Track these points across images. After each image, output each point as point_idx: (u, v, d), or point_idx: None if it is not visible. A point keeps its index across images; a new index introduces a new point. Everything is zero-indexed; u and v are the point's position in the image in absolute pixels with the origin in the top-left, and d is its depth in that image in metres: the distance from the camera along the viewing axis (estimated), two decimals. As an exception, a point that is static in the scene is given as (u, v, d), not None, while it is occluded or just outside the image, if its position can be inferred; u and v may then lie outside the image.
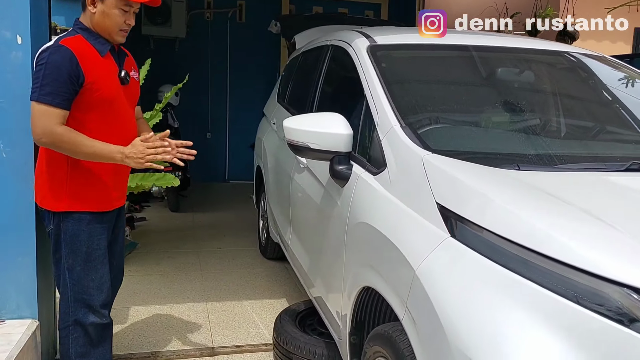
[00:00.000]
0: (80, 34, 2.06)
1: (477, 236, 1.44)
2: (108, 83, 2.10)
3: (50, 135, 1.94)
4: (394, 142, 1.96)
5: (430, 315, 1.41)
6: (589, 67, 2.71)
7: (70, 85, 1.96)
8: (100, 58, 2.07)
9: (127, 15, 2.08)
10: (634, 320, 1.14)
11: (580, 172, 1.75)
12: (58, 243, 2.12)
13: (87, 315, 2.14)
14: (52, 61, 1.95)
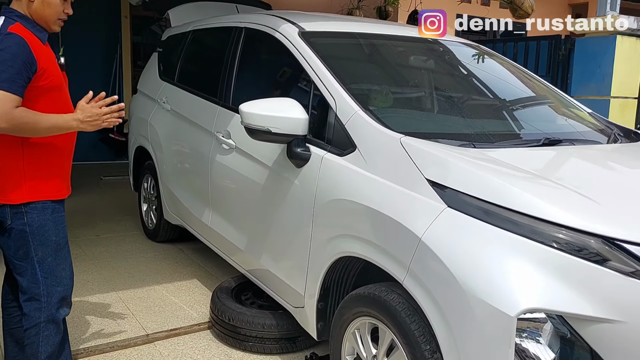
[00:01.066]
0: (19, 22, 1.99)
1: (468, 204, 1.78)
2: (55, 70, 2.07)
3: (11, 119, 1.88)
4: (361, 126, 2.21)
5: (440, 272, 1.72)
6: (489, 56, 3.26)
7: (25, 72, 1.92)
8: (42, 46, 2.03)
9: (65, 4, 2.09)
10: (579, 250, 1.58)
11: (517, 147, 2.21)
12: (23, 238, 2.05)
13: (61, 308, 2.13)
14: (6, 48, 1.89)
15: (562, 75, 4.45)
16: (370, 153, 2.13)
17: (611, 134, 2.67)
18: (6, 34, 1.93)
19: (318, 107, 2.44)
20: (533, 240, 1.63)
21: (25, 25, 1.99)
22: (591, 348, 1.58)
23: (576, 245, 1.60)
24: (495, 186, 1.77)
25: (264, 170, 2.70)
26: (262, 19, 3.10)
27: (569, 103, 3.05)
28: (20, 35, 1.93)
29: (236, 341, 2.82)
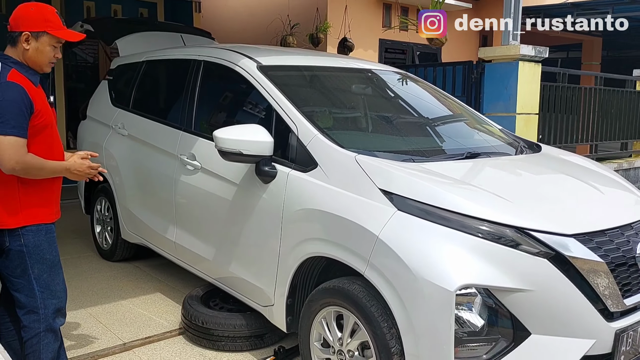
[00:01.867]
0: (14, 67, 2.24)
1: (413, 207, 2.25)
2: (47, 109, 2.33)
3: (23, 163, 2.18)
4: (321, 147, 2.64)
5: (395, 262, 2.16)
6: (416, 82, 3.80)
7: (27, 116, 2.20)
8: (35, 88, 2.28)
9: (56, 50, 2.34)
10: (498, 238, 2.10)
11: (446, 160, 2.72)
12: (21, 257, 2.28)
13: (57, 318, 2.37)
14: (9, 98, 2.15)
15: (475, 95, 5.12)
16: (330, 169, 2.56)
17: (518, 147, 3.27)
18: (6, 83, 2.17)
19: (280, 131, 2.85)
20: (464, 233, 2.12)
21: (20, 71, 2.23)
22: (511, 313, 2.08)
23: (496, 234, 2.11)
24: (433, 192, 2.26)
25: (232, 187, 3.05)
26: (221, 53, 3.47)
27: (484, 121, 3.65)
28: (18, 83, 2.18)
29: (210, 342, 3.13)
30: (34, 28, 2.25)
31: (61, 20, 2.34)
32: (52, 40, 2.28)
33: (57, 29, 2.29)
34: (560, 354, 2.09)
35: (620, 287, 2.21)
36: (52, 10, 2.32)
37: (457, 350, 2.06)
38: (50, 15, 2.29)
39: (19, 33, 2.25)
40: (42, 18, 2.26)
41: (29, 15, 2.26)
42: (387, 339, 2.22)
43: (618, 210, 2.49)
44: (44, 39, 2.26)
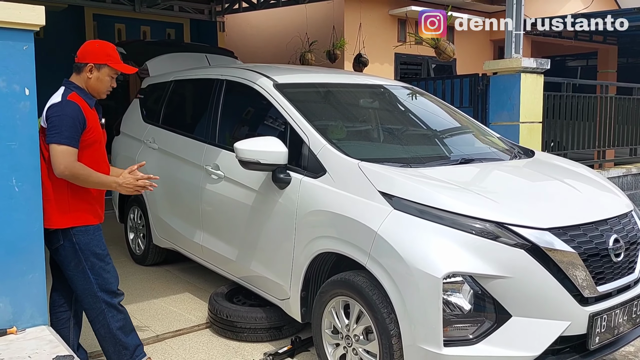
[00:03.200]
0: (75, 91, 2.69)
1: (408, 206, 2.57)
2: (97, 128, 2.75)
3: (72, 169, 2.57)
4: (329, 155, 2.98)
5: (391, 254, 2.48)
6: (421, 95, 4.14)
7: (80, 130, 2.61)
8: (90, 110, 2.72)
9: (112, 80, 2.79)
10: (481, 232, 2.40)
11: (440, 166, 3.04)
12: (75, 252, 2.70)
13: (113, 298, 2.78)
14: (66, 113, 2.58)
15: (481, 106, 5.41)
16: (337, 175, 2.90)
17: (513, 153, 3.56)
18: (66, 101, 2.62)
19: (294, 142, 3.20)
20: (451, 228, 2.43)
21: (80, 94, 2.68)
22: (493, 297, 2.38)
23: (479, 228, 2.41)
24: (424, 192, 2.58)
25: (251, 193, 3.41)
26: (241, 73, 3.86)
27: (483, 130, 3.95)
28: (76, 102, 2.62)
29: (233, 334, 3.48)
30: (97, 61, 2.69)
31: (120, 55, 2.78)
32: (111, 72, 2.73)
33: (116, 63, 2.74)
34: (538, 333, 2.37)
35: (593, 275, 2.49)
36: (112, 47, 2.76)
37: (447, 330, 2.36)
38: (111, 50, 2.74)
39: (84, 64, 2.69)
40: (104, 53, 2.71)
41: (94, 50, 2.71)
42: (387, 323, 2.53)
43: (594, 208, 2.77)
44: (104, 70, 2.71)
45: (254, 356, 3.27)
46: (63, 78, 2.79)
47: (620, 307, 2.58)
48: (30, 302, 2.60)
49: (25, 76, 2.50)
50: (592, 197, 2.92)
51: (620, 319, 2.60)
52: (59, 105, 2.61)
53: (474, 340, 2.36)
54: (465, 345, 2.36)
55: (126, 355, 2.82)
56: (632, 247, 2.75)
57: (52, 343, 2.44)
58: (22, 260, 2.55)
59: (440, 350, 2.34)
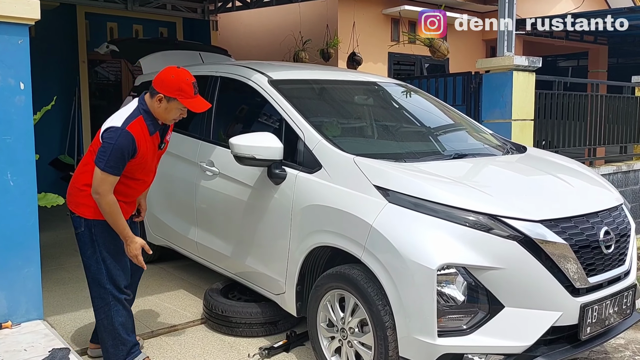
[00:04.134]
0: (142, 115, 2.72)
1: (402, 199, 2.60)
2: (148, 154, 2.78)
3: (104, 197, 2.62)
4: (324, 151, 3.00)
5: (386, 246, 2.51)
6: (415, 92, 4.17)
7: (127, 160, 2.66)
8: (149, 137, 2.76)
9: (183, 112, 2.83)
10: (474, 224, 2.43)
11: (434, 160, 3.07)
12: (92, 242, 2.78)
13: (120, 292, 2.81)
14: (119, 144, 2.60)
15: (474, 103, 5.45)
16: (333, 170, 2.92)
17: (505, 148, 3.60)
18: (124, 132, 2.61)
19: (289, 138, 3.22)
20: (445, 220, 2.46)
21: (145, 119, 2.70)
22: (486, 289, 2.41)
23: (472, 221, 2.45)
24: (420, 186, 2.61)
25: (246, 189, 3.43)
26: (236, 69, 3.87)
27: (476, 126, 3.99)
28: (133, 134, 2.61)
29: (228, 329, 3.49)
30: (168, 93, 2.69)
31: (194, 89, 2.74)
32: (180, 105, 2.75)
33: (187, 98, 2.72)
34: (530, 324, 2.41)
35: (584, 266, 2.53)
36: (189, 81, 2.73)
37: (441, 321, 2.39)
38: (186, 85, 2.71)
39: (156, 92, 2.70)
40: (177, 87, 2.69)
41: (168, 81, 2.70)
42: (382, 315, 2.56)
43: (585, 201, 2.81)
44: (173, 104, 2.73)
45: (250, 351, 3.29)
46: (55, 77, 2.81)
47: (610, 299, 2.63)
48: (25, 297, 2.62)
49: (20, 70, 2.52)
50: (583, 191, 2.96)
51: (611, 310, 2.64)
52: (116, 132, 2.61)
53: (467, 331, 2.39)
54: (459, 336, 2.39)
55: (123, 350, 2.84)
56: (622, 239, 2.79)
57: (47, 337, 2.45)
58: (17, 254, 2.57)
59: (434, 340, 2.37)
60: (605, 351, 3.35)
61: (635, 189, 6.79)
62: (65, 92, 8.08)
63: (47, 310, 3.81)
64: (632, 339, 3.50)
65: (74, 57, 8.30)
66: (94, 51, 7.08)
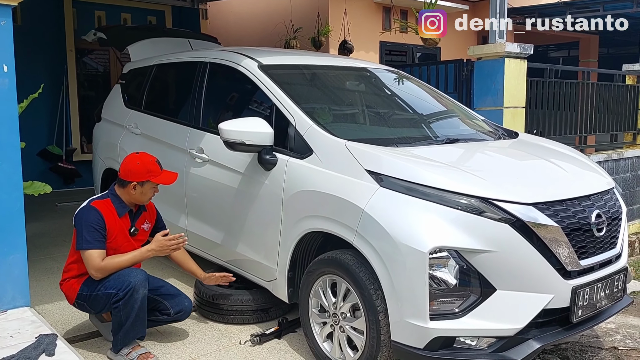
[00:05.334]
0: (110, 197, 2.98)
1: (394, 183, 2.57)
2: (120, 237, 2.96)
3: (100, 269, 2.80)
4: (316, 136, 2.97)
5: (377, 230, 2.49)
6: (406, 79, 4.14)
7: (101, 232, 2.84)
8: (117, 218, 2.95)
9: (156, 188, 3.06)
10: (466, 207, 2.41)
11: (426, 145, 3.05)
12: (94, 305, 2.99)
13: (135, 293, 2.82)
14: (86, 218, 2.83)
15: (466, 91, 5.44)
16: (324, 155, 2.89)
17: (497, 134, 3.59)
18: (87, 206, 2.87)
19: (280, 123, 3.18)
20: (437, 203, 2.45)
21: (113, 201, 2.94)
22: (478, 272, 2.40)
23: (464, 204, 2.43)
24: (412, 170, 2.59)
25: (237, 176, 3.39)
26: (225, 55, 3.82)
27: (467, 112, 3.97)
28: (97, 207, 2.85)
29: (219, 316, 3.47)
30: (140, 179, 2.93)
31: (159, 166, 3.01)
32: (153, 184, 3.00)
33: (157, 176, 2.97)
34: (522, 306, 2.41)
35: (576, 249, 2.53)
36: (152, 161, 3.00)
37: (433, 304, 2.38)
38: (152, 166, 2.97)
39: (128, 182, 2.93)
40: (145, 170, 2.94)
41: (135, 169, 2.93)
42: (374, 299, 2.54)
43: (577, 184, 2.80)
44: (147, 185, 2.97)
45: (241, 338, 3.27)
46: (42, 66, 2.77)
47: (602, 281, 2.63)
48: (11, 284, 2.58)
49: (3, 52, 2.46)
50: (575, 174, 2.95)
51: (602, 293, 2.64)
52: (81, 210, 2.87)
53: (459, 314, 2.38)
54: (451, 319, 2.38)
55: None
56: (614, 222, 2.80)
57: (34, 324, 2.42)
58: (2, 240, 2.53)
59: (426, 324, 2.36)
60: (596, 335, 3.36)
61: (625, 177, 6.82)
62: (53, 81, 7.96)
63: (35, 300, 3.79)
64: (623, 323, 3.52)
65: (61, 46, 8.17)
66: (81, 39, 6.96)
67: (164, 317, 3.14)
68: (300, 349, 3.14)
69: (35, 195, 4.37)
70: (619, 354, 3.15)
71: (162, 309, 3.13)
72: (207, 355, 3.08)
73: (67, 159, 8.04)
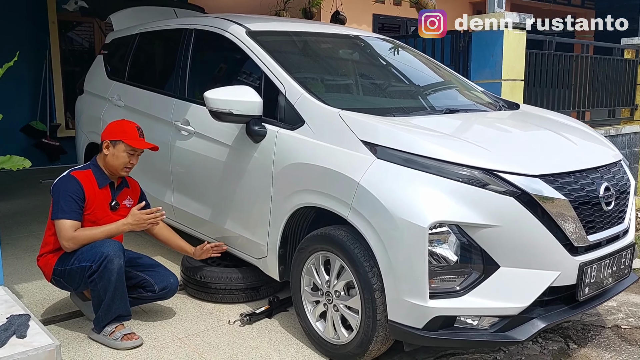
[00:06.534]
0: (91, 168, 2.89)
1: (392, 155, 2.41)
2: (99, 209, 2.85)
3: (70, 239, 2.70)
4: (307, 105, 2.79)
5: (374, 204, 2.33)
6: (402, 48, 3.95)
7: (79, 203, 2.75)
8: (97, 189, 2.85)
9: (132, 157, 2.90)
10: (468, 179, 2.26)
11: (425, 115, 2.88)
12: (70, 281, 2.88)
13: (108, 263, 2.70)
14: (64, 187, 2.75)
15: (463, 63, 5.26)
16: (316, 125, 2.72)
17: (497, 105, 3.42)
18: (66, 175, 2.79)
19: (269, 92, 2.99)
20: (437, 175, 2.29)
21: (94, 172, 2.85)
22: (481, 248, 2.26)
23: (466, 176, 2.28)
24: (411, 140, 2.42)
25: (224, 149, 3.21)
26: (211, 21, 3.61)
27: (466, 83, 3.80)
28: (77, 178, 2.77)
29: (208, 295, 3.32)
30: (112, 137, 2.86)
31: (139, 132, 2.90)
32: (127, 148, 2.85)
33: (132, 139, 2.85)
34: (527, 284, 2.27)
35: (583, 224, 2.39)
36: (132, 125, 2.92)
37: (432, 282, 2.24)
38: (129, 128, 2.89)
39: (102, 142, 2.87)
40: (119, 130, 2.87)
41: (111, 128, 2.90)
42: (369, 277, 2.40)
43: (585, 156, 2.66)
44: (120, 147, 2.84)
45: (230, 317, 3.13)
46: (23, 39, 2.60)
47: (609, 258, 2.50)
48: (-17, 262, 2.40)
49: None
50: (582, 146, 2.80)
51: (609, 270, 2.52)
52: (60, 179, 2.80)
53: (460, 292, 2.25)
54: (452, 297, 2.25)
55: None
56: (622, 196, 2.66)
57: (6, 303, 2.26)
58: (-29, 216, 2.34)
59: (425, 302, 2.22)
60: (598, 313, 3.26)
61: (623, 153, 6.69)
62: (35, 55, 7.67)
63: (14, 278, 3.63)
64: (625, 301, 3.42)
65: (43, 18, 7.86)
66: (63, 9, 6.66)
67: (148, 294, 2.98)
68: (291, 328, 3.01)
69: (14, 170, 4.17)
70: (622, 332, 3.05)
71: (146, 285, 2.97)
72: (195, 335, 2.94)
73: (52, 135, 7.82)
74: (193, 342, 2.87)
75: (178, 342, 2.86)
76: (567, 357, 2.80)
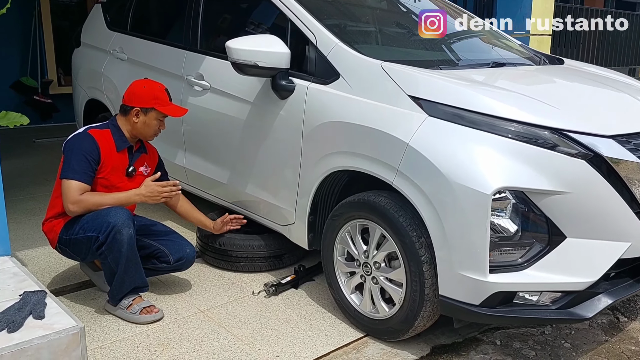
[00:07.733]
0: (110, 128, 2.63)
1: (445, 112, 2.15)
2: (114, 173, 2.60)
3: (76, 202, 2.44)
4: (343, 56, 2.50)
5: (426, 168, 2.09)
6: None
7: (92, 166, 2.50)
8: (115, 152, 2.60)
9: (161, 122, 2.69)
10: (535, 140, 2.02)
11: (473, 68, 2.61)
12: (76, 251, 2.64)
13: (117, 234, 2.46)
14: (79, 145, 2.50)
15: (487, 16, 4.94)
16: (354, 79, 2.44)
17: (540, 60, 3.15)
18: (83, 133, 2.54)
19: (297, 43, 2.70)
20: (499, 135, 2.04)
21: (113, 133, 2.60)
22: (546, 216, 2.03)
23: (532, 136, 2.03)
24: (466, 95, 2.16)
25: (245, 106, 2.93)
26: (228, -36, 3.25)
27: (503, 36, 3.51)
28: (94, 137, 2.52)
29: (227, 263, 3.10)
30: (144, 104, 2.60)
31: (169, 97, 2.67)
32: (159, 115, 2.64)
33: (165, 105, 2.63)
34: (595, 257, 2.06)
35: (657, 189, 2.16)
36: (161, 88, 2.67)
37: (491, 254, 2.02)
38: (160, 92, 2.64)
39: (130, 107, 2.61)
40: (151, 95, 2.61)
41: (141, 93, 2.61)
42: (417, 247, 2.18)
43: (654, 115, 2.41)
44: (152, 114, 2.62)
45: (254, 287, 2.92)
46: None
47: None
48: (-12, 232, 2.15)
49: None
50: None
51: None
52: (76, 136, 2.55)
53: (523, 265, 2.03)
54: (514, 272, 2.03)
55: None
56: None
57: (17, 276, 2.02)
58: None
59: (485, 277, 2.01)
60: None
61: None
62: (23, 7, 7.19)
63: (16, 245, 3.37)
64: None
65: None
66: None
67: (163, 265, 2.75)
68: (321, 299, 2.81)
69: (10, 127, 3.86)
70: (671, 303, 2.89)
71: (161, 256, 2.74)
72: (218, 307, 2.74)
73: (43, 92, 7.43)
74: (217, 315, 2.66)
75: (201, 315, 2.65)
76: (619, 330, 2.63)
